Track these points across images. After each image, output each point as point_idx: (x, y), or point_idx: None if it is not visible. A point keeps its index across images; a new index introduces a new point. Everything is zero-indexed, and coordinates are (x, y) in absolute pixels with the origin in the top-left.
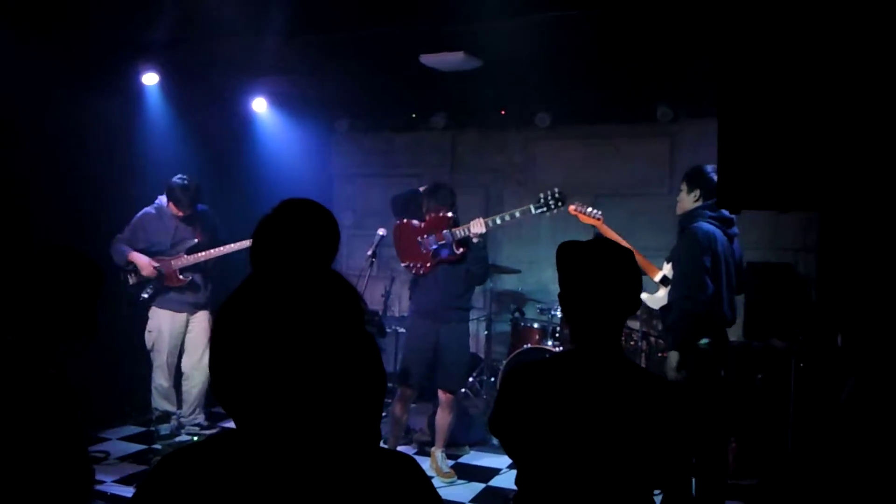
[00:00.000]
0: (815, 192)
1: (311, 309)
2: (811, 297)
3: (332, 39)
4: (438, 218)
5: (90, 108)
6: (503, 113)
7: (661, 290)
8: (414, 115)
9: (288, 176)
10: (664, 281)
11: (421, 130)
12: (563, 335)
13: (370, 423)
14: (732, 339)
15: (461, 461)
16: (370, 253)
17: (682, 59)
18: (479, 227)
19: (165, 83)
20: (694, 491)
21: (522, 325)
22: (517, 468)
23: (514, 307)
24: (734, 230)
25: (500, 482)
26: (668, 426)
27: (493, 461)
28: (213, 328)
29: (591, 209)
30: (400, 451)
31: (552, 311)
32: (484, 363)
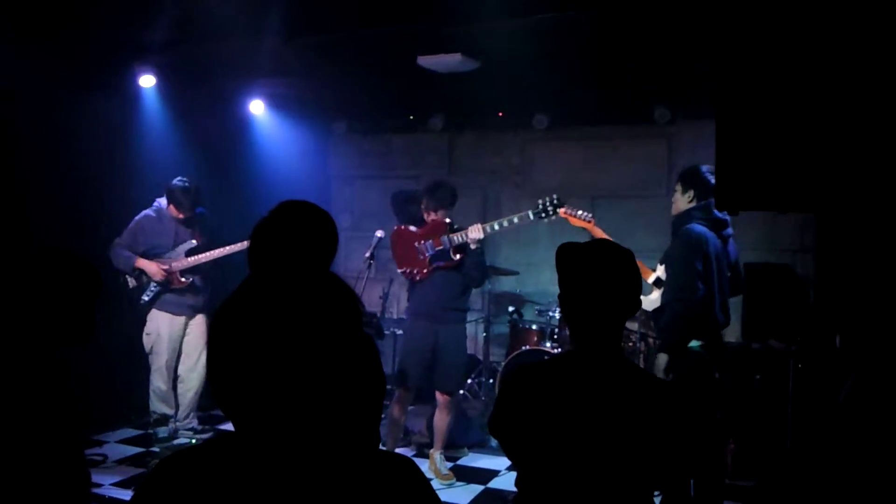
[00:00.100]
0: (813, 192)
1: (309, 311)
2: (809, 297)
3: (329, 41)
4: (436, 223)
5: (89, 109)
6: (501, 115)
7: (654, 291)
8: (412, 116)
9: (285, 178)
10: (657, 283)
11: (419, 132)
12: (561, 336)
13: (369, 425)
14: (731, 340)
15: (460, 463)
16: (368, 255)
17: (679, 60)
18: (476, 232)
19: (163, 85)
20: (692, 492)
21: (521, 326)
22: (517, 470)
23: (512, 309)
24: (728, 231)
25: (498, 484)
26: (667, 427)
27: (491, 463)
28: (210, 330)
29: (581, 212)
30: (399, 453)
31: (550, 312)
32: (482, 365)
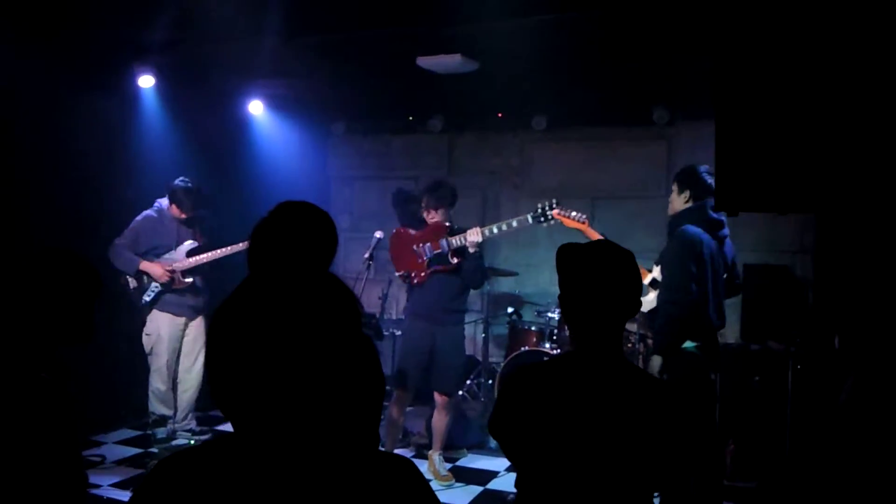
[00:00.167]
0: (812, 193)
1: (308, 312)
2: (808, 299)
3: (329, 41)
4: (435, 226)
5: (88, 109)
6: (500, 116)
7: (650, 292)
8: (411, 117)
9: (285, 178)
10: (653, 284)
11: (418, 133)
12: (560, 337)
13: (369, 426)
14: (730, 341)
15: (459, 464)
16: (367, 255)
17: (678, 61)
18: (475, 236)
19: (163, 85)
20: (691, 493)
21: (520, 327)
22: (517, 471)
23: (511, 310)
24: (724, 232)
25: (497, 485)
26: (667, 428)
27: (490, 464)
28: (209, 331)
29: (575, 213)
30: (398, 454)
31: (549, 313)
32: (481, 366)
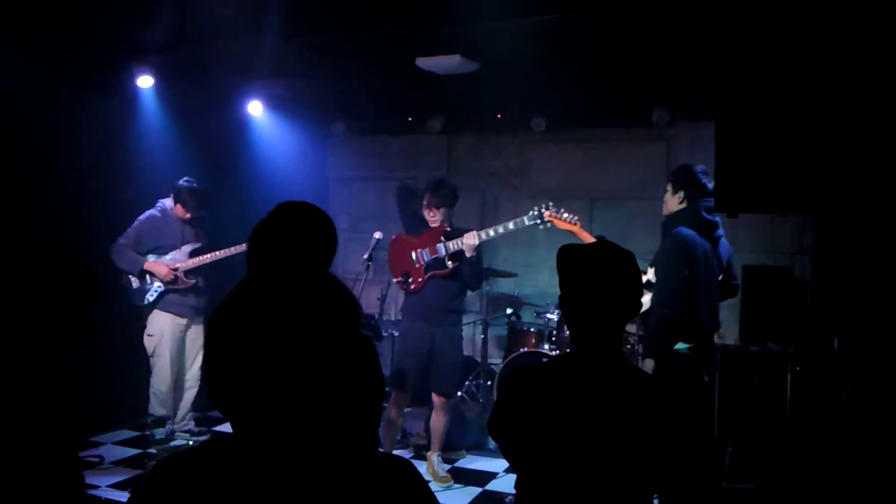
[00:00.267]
0: (812, 195)
1: (307, 312)
2: (807, 300)
3: (328, 42)
4: (433, 232)
5: (87, 109)
6: (499, 117)
7: (645, 294)
8: (410, 118)
9: (284, 179)
10: (647, 286)
11: (417, 134)
12: (559, 338)
13: (369, 427)
14: (729, 342)
15: (458, 465)
16: (366, 256)
17: (678, 61)
18: (472, 239)
19: (162, 85)
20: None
21: (519, 328)
22: (517, 472)
23: (510, 311)
24: (719, 233)
25: (496, 486)
26: (667, 430)
27: (489, 465)
28: (207, 331)
29: (566, 214)
30: (396, 454)
31: (548, 314)
32: (480, 367)
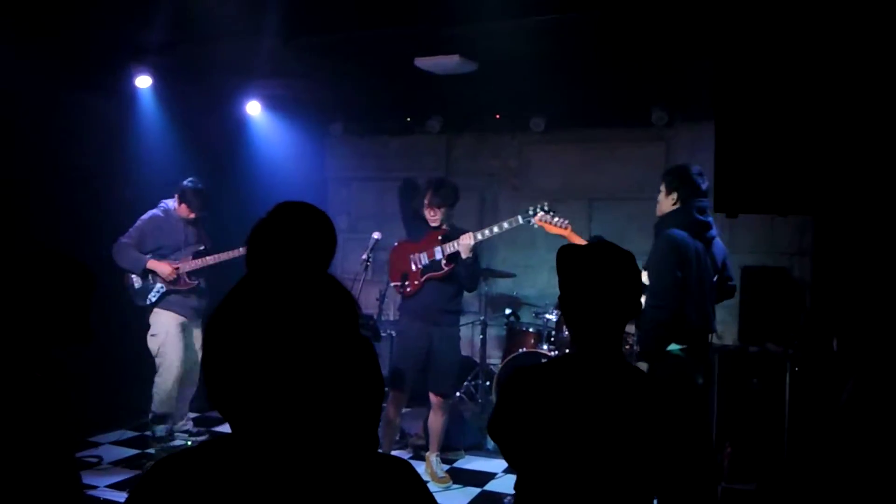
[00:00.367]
0: (811, 195)
1: (306, 312)
2: (806, 301)
3: (326, 42)
4: (431, 236)
5: (86, 109)
6: (498, 117)
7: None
8: (409, 118)
9: (282, 179)
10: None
11: (416, 134)
12: (558, 339)
13: (368, 427)
14: (728, 343)
15: (456, 466)
16: (365, 257)
17: (677, 62)
18: (468, 240)
19: (160, 86)
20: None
21: (517, 329)
22: (516, 473)
23: (509, 311)
24: (712, 233)
25: (495, 487)
26: (667, 430)
27: (488, 465)
28: (206, 331)
29: (557, 219)
30: (395, 455)
31: (547, 314)
32: (479, 367)
